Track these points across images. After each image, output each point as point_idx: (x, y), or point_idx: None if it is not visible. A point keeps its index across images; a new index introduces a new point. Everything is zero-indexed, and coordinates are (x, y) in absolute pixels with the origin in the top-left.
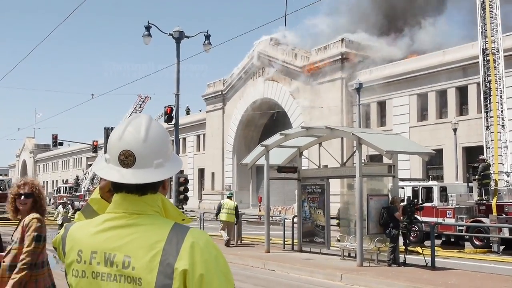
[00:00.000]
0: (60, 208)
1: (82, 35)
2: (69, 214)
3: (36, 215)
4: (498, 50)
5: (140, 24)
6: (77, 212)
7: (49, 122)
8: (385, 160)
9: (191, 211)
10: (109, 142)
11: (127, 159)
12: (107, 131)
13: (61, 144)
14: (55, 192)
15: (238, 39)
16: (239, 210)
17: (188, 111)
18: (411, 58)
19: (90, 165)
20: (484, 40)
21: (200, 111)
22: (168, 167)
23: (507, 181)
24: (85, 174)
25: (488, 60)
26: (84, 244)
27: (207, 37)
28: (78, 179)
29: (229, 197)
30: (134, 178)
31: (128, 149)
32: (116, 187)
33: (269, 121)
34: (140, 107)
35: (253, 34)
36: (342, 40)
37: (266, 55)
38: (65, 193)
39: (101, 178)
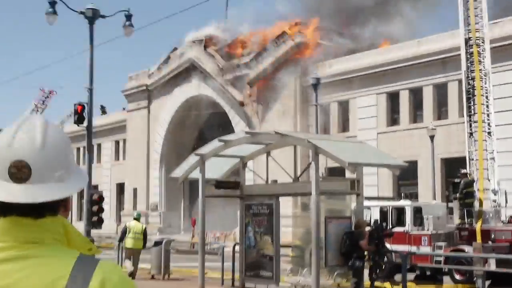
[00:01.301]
0: None
1: None
2: None
3: None
4: (484, 40)
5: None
6: None
7: None
8: (348, 174)
9: (107, 237)
10: None
11: (20, 172)
12: None
13: None
14: None
15: (167, 21)
16: (147, 235)
17: (103, 111)
18: (379, 49)
19: None
20: (467, 28)
21: (124, 109)
22: (72, 181)
23: (494, 201)
24: None
25: (472, 53)
26: None
27: (128, 17)
28: None
29: (136, 219)
30: (30, 196)
31: (21, 159)
32: (4, 209)
33: (206, 123)
34: (43, 103)
35: (186, 15)
36: (296, 24)
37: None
38: None
39: None
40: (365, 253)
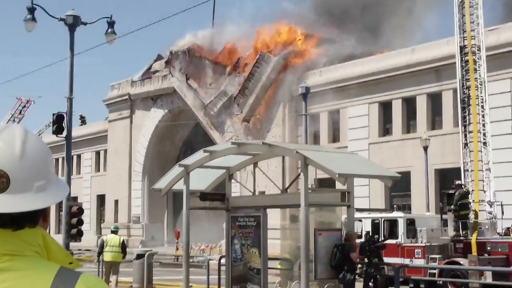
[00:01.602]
0: None
1: None
2: None
3: None
4: (480, 48)
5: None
6: None
7: None
8: (338, 185)
9: (86, 250)
10: None
11: None
12: None
13: None
14: None
15: (150, 28)
16: (126, 247)
17: (83, 121)
18: (371, 57)
19: None
20: (462, 35)
21: (107, 118)
22: (52, 192)
23: (490, 213)
24: None
25: (467, 61)
26: None
27: (111, 24)
28: None
29: (114, 232)
30: (9, 205)
31: None
32: None
33: (191, 134)
34: (20, 113)
35: (171, 22)
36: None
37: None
38: None
39: None
40: (357, 266)
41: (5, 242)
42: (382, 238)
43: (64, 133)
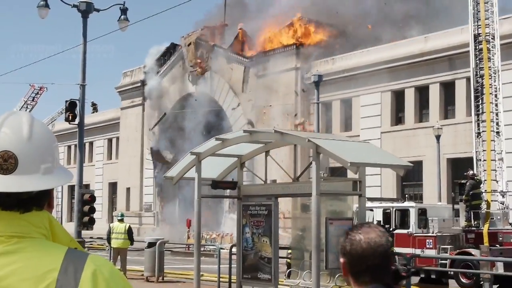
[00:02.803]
0: None
1: None
2: None
3: None
4: (494, 36)
5: None
6: None
7: None
8: (350, 174)
9: (98, 237)
10: None
11: (6, 163)
12: None
13: None
14: None
15: (163, 15)
16: (132, 233)
17: (94, 108)
18: (384, 45)
19: None
20: (476, 23)
21: (115, 109)
22: (58, 174)
23: (502, 203)
24: None
25: (481, 49)
26: None
27: (124, 11)
28: None
29: (120, 220)
30: (17, 185)
31: (7, 149)
32: None
33: (203, 122)
34: (33, 100)
35: (184, 8)
36: (300, 19)
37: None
38: None
39: None
40: None
41: (13, 224)
42: (393, 228)
43: (77, 120)
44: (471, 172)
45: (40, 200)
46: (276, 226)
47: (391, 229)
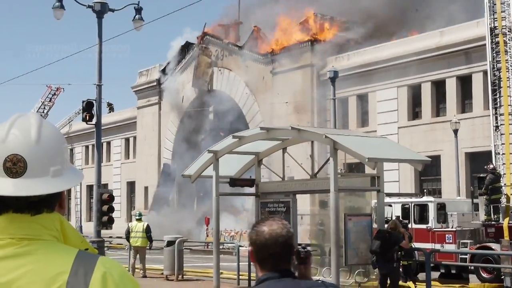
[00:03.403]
0: None
1: None
2: None
3: None
4: (510, 29)
5: None
6: None
7: None
8: (368, 170)
9: (117, 237)
10: None
11: (15, 166)
12: None
13: None
14: None
15: (178, 14)
16: (151, 231)
17: (110, 108)
18: (399, 40)
19: None
20: (492, 16)
21: (131, 108)
22: (68, 176)
23: None
24: None
25: (498, 42)
26: None
27: (138, 10)
28: None
29: (138, 219)
30: (26, 189)
31: (16, 153)
32: (0, 206)
33: (220, 120)
34: (50, 101)
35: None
36: (316, 15)
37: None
38: None
39: None
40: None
41: (23, 227)
42: (412, 223)
43: (94, 120)
44: (491, 166)
45: (50, 202)
46: (295, 223)
47: (409, 224)
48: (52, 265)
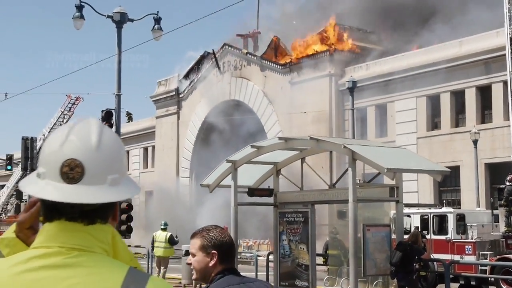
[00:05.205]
0: None
1: None
2: None
3: None
4: None
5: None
6: None
7: None
8: (386, 180)
9: (136, 246)
10: (44, 151)
11: (72, 171)
12: (26, 142)
13: None
14: None
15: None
16: (176, 238)
17: (129, 118)
18: (418, 50)
19: (2, 186)
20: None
21: (150, 118)
22: (125, 186)
23: None
24: None
25: None
26: None
27: (157, 20)
28: None
29: (164, 229)
30: (81, 196)
31: (74, 158)
32: (52, 212)
33: (238, 130)
34: (69, 110)
35: (217, 17)
36: (335, 25)
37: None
38: None
39: (24, 207)
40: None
41: (75, 236)
42: (432, 234)
43: (113, 130)
44: (510, 176)
45: (104, 213)
46: (313, 233)
47: (427, 235)
48: (102, 279)
